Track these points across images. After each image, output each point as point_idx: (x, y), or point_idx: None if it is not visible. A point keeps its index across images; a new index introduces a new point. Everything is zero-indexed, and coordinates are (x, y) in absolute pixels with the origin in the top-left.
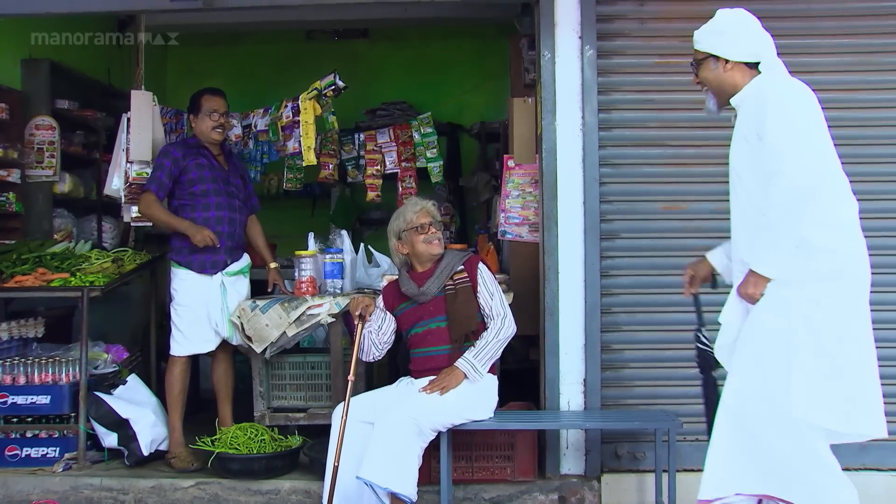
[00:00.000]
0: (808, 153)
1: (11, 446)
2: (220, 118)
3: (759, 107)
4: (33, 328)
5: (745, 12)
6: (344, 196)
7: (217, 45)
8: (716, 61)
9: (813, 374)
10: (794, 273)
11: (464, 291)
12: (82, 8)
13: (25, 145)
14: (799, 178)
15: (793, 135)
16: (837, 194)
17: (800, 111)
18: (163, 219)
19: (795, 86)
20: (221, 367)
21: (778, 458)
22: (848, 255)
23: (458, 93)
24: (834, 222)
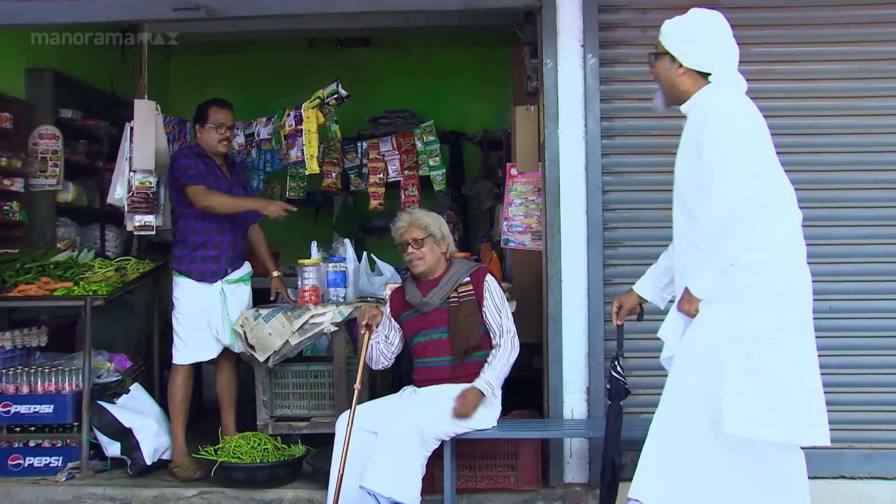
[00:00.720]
0: (740, 174)
1: (14, 455)
2: (227, 131)
3: (699, 123)
4: (36, 337)
5: (716, 17)
6: (347, 204)
7: (220, 54)
8: (671, 61)
9: (744, 390)
10: (724, 292)
11: (467, 305)
12: (84, 17)
13: (29, 154)
14: (730, 200)
15: (726, 156)
16: (773, 211)
17: (736, 131)
18: (229, 202)
19: (735, 103)
20: (224, 376)
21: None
22: (778, 271)
23: (461, 101)
24: (765, 240)
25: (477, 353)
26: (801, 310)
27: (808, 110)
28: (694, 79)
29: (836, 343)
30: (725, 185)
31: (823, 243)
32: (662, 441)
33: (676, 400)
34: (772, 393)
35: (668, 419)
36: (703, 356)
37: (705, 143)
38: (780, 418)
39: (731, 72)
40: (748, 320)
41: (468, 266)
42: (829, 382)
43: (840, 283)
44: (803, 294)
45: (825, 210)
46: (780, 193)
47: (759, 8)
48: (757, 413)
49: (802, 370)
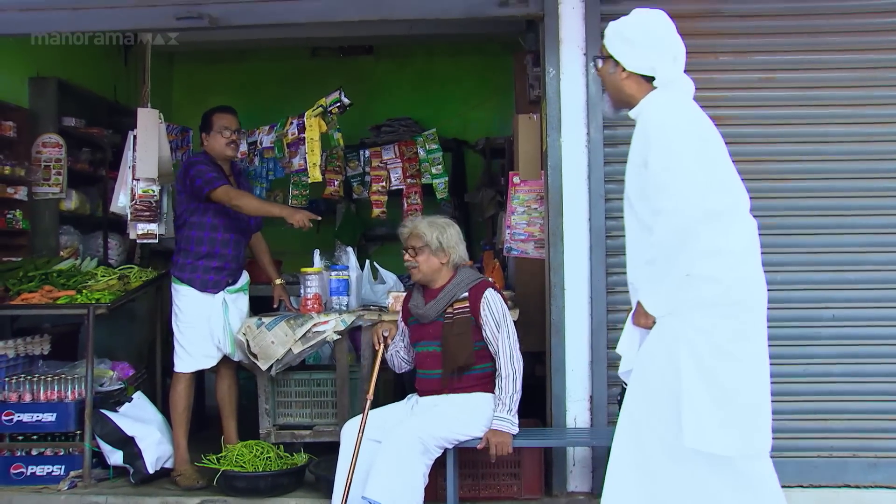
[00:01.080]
0: (689, 186)
1: (17, 464)
2: (233, 135)
3: (644, 134)
4: (39, 345)
5: (658, 18)
6: (349, 212)
7: (222, 63)
8: (614, 65)
9: (701, 401)
10: (679, 303)
11: (461, 323)
12: (88, 27)
13: (32, 163)
14: (681, 212)
15: (673, 168)
16: (726, 220)
17: (681, 141)
18: (257, 205)
19: (678, 112)
20: (225, 384)
21: (673, 486)
22: (733, 281)
23: (463, 109)
24: (718, 249)
25: (477, 367)
26: (756, 318)
27: (811, 118)
28: (639, 83)
29: (840, 351)
30: (675, 198)
31: (827, 251)
32: (630, 453)
33: (640, 411)
34: (729, 405)
35: (633, 431)
36: (662, 367)
37: (651, 155)
38: (737, 430)
39: (677, 74)
40: (705, 331)
41: (469, 280)
42: (834, 391)
43: (844, 290)
44: (758, 302)
45: (829, 218)
46: (733, 201)
47: (761, 16)
48: (716, 427)
49: (757, 380)
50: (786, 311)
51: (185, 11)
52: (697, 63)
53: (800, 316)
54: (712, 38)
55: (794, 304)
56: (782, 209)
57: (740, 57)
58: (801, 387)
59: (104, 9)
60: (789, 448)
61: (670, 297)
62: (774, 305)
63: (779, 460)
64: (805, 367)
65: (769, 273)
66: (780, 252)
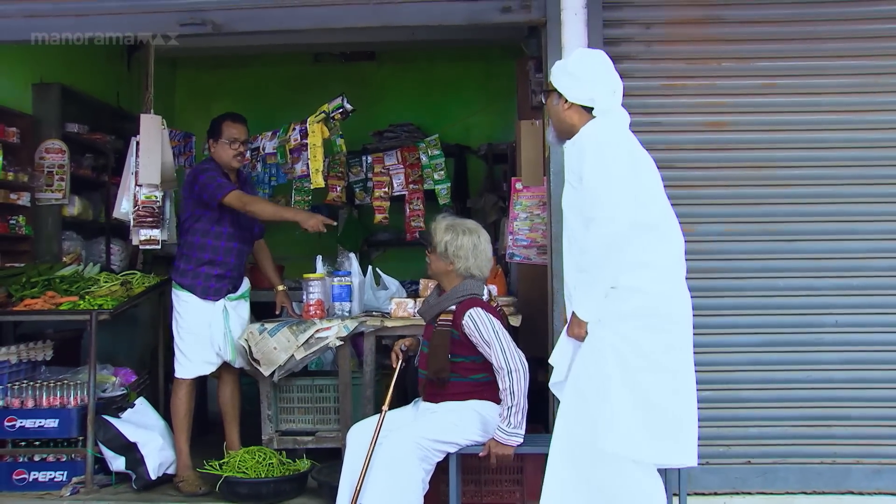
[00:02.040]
0: (618, 200)
1: (19, 470)
2: (241, 146)
3: (580, 152)
4: (42, 351)
5: (598, 56)
6: (352, 218)
7: (225, 68)
8: (558, 97)
9: (624, 408)
10: (608, 314)
11: (441, 335)
12: (91, 32)
13: (35, 169)
14: (611, 226)
15: (606, 184)
16: (652, 235)
17: (613, 159)
18: (272, 210)
19: (613, 135)
20: (228, 390)
21: (604, 492)
22: (659, 294)
23: (465, 115)
24: (643, 263)
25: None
26: (682, 331)
27: (811, 124)
28: (580, 114)
29: (842, 357)
30: (606, 208)
31: (829, 257)
32: (565, 459)
33: (573, 418)
34: (651, 414)
35: (567, 437)
36: (592, 375)
37: (586, 170)
38: (657, 439)
39: (614, 105)
40: (632, 341)
41: (461, 294)
42: (836, 397)
43: (846, 297)
44: (683, 316)
45: (830, 224)
46: (662, 220)
47: (762, 23)
48: (634, 433)
49: (682, 393)
50: (788, 316)
51: (188, 18)
52: (699, 69)
53: (802, 322)
54: (714, 44)
55: (797, 310)
56: (784, 215)
57: (742, 63)
58: (804, 393)
59: (108, 15)
60: (792, 455)
61: (600, 305)
62: (777, 311)
63: (781, 467)
64: (808, 373)
65: (771, 279)
66: (782, 258)
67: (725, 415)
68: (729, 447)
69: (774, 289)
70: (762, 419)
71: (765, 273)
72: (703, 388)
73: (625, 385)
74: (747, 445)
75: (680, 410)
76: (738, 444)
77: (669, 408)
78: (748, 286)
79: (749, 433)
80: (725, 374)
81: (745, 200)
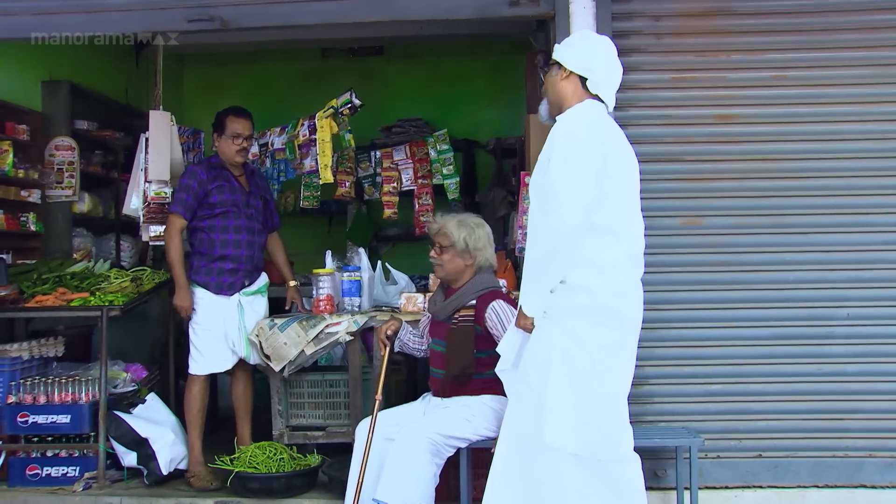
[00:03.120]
0: (575, 197)
1: (32, 465)
2: (244, 141)
3: (554, 138)
4: (53, 347)
5: (601, 36)
6: (360, 213)
7: (233, 64)
8: (558, 68)
9: (565, 402)
10: (555, 308)
11: (463, 331)
12: (100, 30)
13: (45, 166)
14: (561, 221)
15: (566, 178)
16: (606, 236)
17: (581, 155)
18: (172, 258)
19: (590, 128)
20: (241, 386)
21: (543, 483)
22: (608, 294)
23: (474, 109)
24: (592, 261)
25: (487, 373)
26: (628, 331)
27: (822, 116)
28: (575, 87)
29: (854, 350)
30: (563, 203)
31: (840, 250)
32: (510, 450)
33: (519, 410)
34: (592, 409)
35: (512, 429)
36: (538, 368)
37: (553, 159)
38: (597, 434)
39: (609, 83)
40: (577, 336)
41: (480, 287)
42: (848, 391)
43: (857, 289)
44: (633, 317)
45: (841, 216)
46: (619, 223)
47: (773, 14)
48: (575, 427)
49: (622, 390)
50: (800, 309)
51: (196, 13)
52: (709, 61)
53: (814, 315)
54: (724, 36)
55: (809, 303)
56: (796, 208)
57: (752, 55)
58: (816, 386)
59: (116, 12)
60: (804, 448)
61: (544, 299)
62: (788, 305)
63: (794, 460)
64: (819, 366)
65: (781, 272)
66: (792, 251)
67: (736, 408)
68: (740, 441)
69: (785, 282)
70: (773, 412)
71: (775, 266)
72: (714, 382)
73: (567, 379)
74: (758, 439)
75: (618, 407)
76: (749, 438)
77: (609, 405)
78: (758, 279)
79: (760, 426)
80: (736, 368)
81: (755, 193)
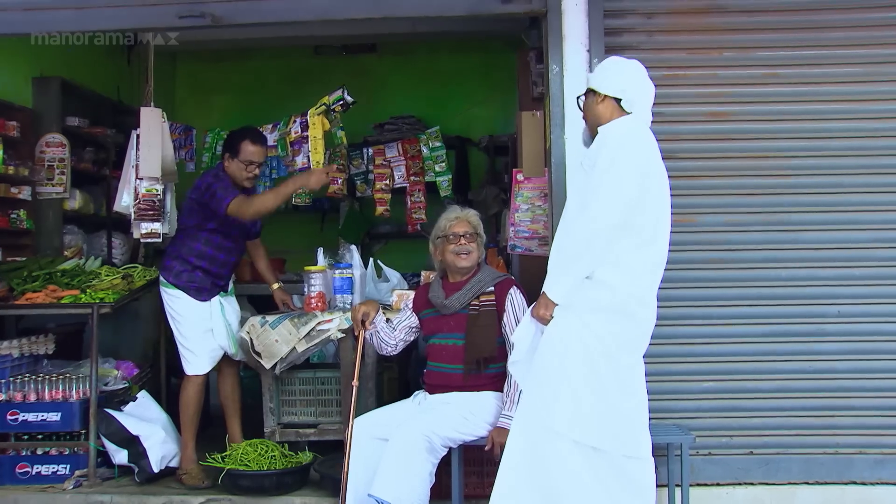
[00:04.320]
0: (617, 196)
1: (22, 464)
2: (256, 169)
3: (601, 143)
4: (44, 345)
5: (632, 62)
6: (353, 210)
7: (225, 61)
8: (593, 94)
9: (579, 394)
10: (578, 302)
11: (487, 315)
12: (91, 26)
13: (36, 163)
14: (601, 217)
15: (611, 177)
16: (637, 239)
17: (627, 162)
18: (272, 197)
19: (637, 136)
20: (228, 383)
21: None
22: (629, 294)
23: (466, 106)
24: (620, 262)
25: (493, 365)
26: (642, 335)
27: (815, 114)
28: (612, 109)
29: (845, 347)
30: (600, 202)
31: (831, 247)
32: (521, 439)
33: (532, 400)
34: (604, 403)
35: (524, 419)
36: (554, 358)
37: (600, 160)
38: (608, 425)
39: (642, 98)
40: (596, 331)
41: (495, 275)
42: (839, 387)
43: (848, 287)
44: (647, 321)
45: (832, 214)
46: (651, 229)
47: (763, 11)
48: (588, 416)
49: (637, 389)
50: (791, 307)
51: (187, 10)
52: (701, 59)
53: (805, 312)
54: (715, 33)
55: (800, 300)
56: (787, 205)
57: (743, 53)
58: (806, 383)
59: (107, 8)
60: (794, 445)
61: (570, 291)
62: (779, 302)
63: (784, 457)
64: (810, 363)
65: (773, 269)
66: (784, 248)
67: (727, 405)
68: (731, 438)
69: (777, 279)
70: (764, 410)
71: (767, 263)
72: (706, 379)
73: (584, 372)
74: (749, 436)
75: (631, 404)
76: (741, 435)
77: (621, 400)
78: (750, 276)
79: (751, 424)
80: (727, 365)
81: (746, 191)
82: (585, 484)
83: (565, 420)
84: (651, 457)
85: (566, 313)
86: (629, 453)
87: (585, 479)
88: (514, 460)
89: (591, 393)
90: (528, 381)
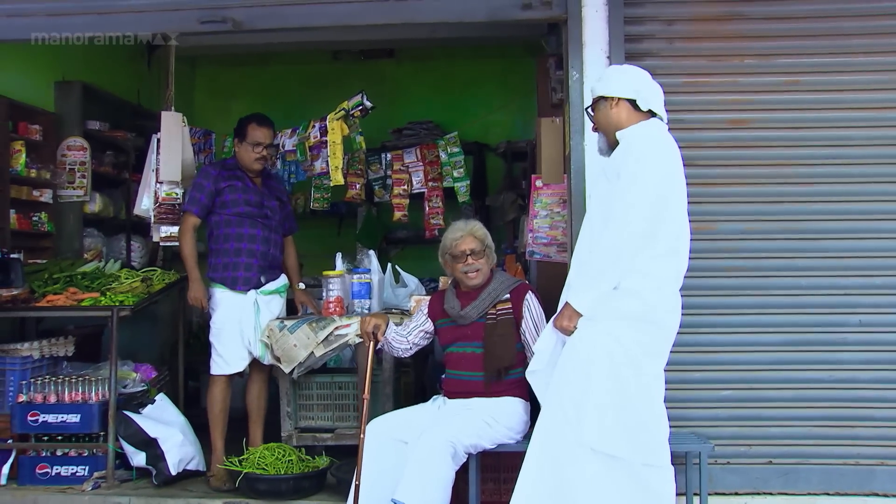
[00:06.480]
0: (644, 207)
1: (42, 464)
2: (264, 150)
3: (626, 149)
4: (63, 347)
5: (635, 67)
6: (371, 215)
7: (245, 66)
8: (604, 102)
9: (605, 404)
10: (603, 312)
11: (504, 324)
12: (112, 31)
13: (57, 166)
14: (629, 227)
15: (638, 187)
16: (663, 249)
17: (654, 170)
18: (186, 253)
19: (661, 143)
20: (255, 388)
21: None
22: (655, 303)
23: (485, 112)
24: (647, 271)
25: (513, 371)
26: (665, 342)
27: (835, 122)
28: (628, 111)
29: (866, 357)
30: (627, 212)
31: (853, 256)
32: (541, 448)
33: (554, 409)
34: (630, 411)
35: (545, 428)
36: (578, 369)
37: (625, 169)
38: (625, 435)
39: (656, 96)
40: (622, 341)
41: (509, 282)
42: (860, 398)
43: (870, 296)
44: (671, 330)
45: (854, 222)
46: (676, 237)
47: (785, 19)
48: (612, 427)
49: (659, 397)
50: (812, 316)
51: (208, 15)
52: (722, 66)
53: (826, 321)
54: (737, 40)
55: (821, 310)
56: (808, 213)
57: (765, 60)
58: (828, 393)
59: (129, 13)
60: (815, 455)
61: (598, 301)
62: (800, 311)
63: (804, 467)
64: (831, 373)
65: (793, 278)
66: (805, 257)
67: (747, 414)
68: (750, 447)
69: (797, 287)
70: (784, 419)
71: (787, 272)
72: (725, 388)
73: (609, 382)
74: (769, 445)
75: (655, 414)
76: (760, 444)
77: (646, 410)
78: (770, 284)
79: (771, 433)
80: (747, 374)
81: (767, 198)
82: (604, 492)
83: (591, 429)
84: (670, 465)
85: (591, 324)
86: (648, 461)
87: (604, 487)
88: (533, 469)
89: (614, 404)
90: (548, 394)
